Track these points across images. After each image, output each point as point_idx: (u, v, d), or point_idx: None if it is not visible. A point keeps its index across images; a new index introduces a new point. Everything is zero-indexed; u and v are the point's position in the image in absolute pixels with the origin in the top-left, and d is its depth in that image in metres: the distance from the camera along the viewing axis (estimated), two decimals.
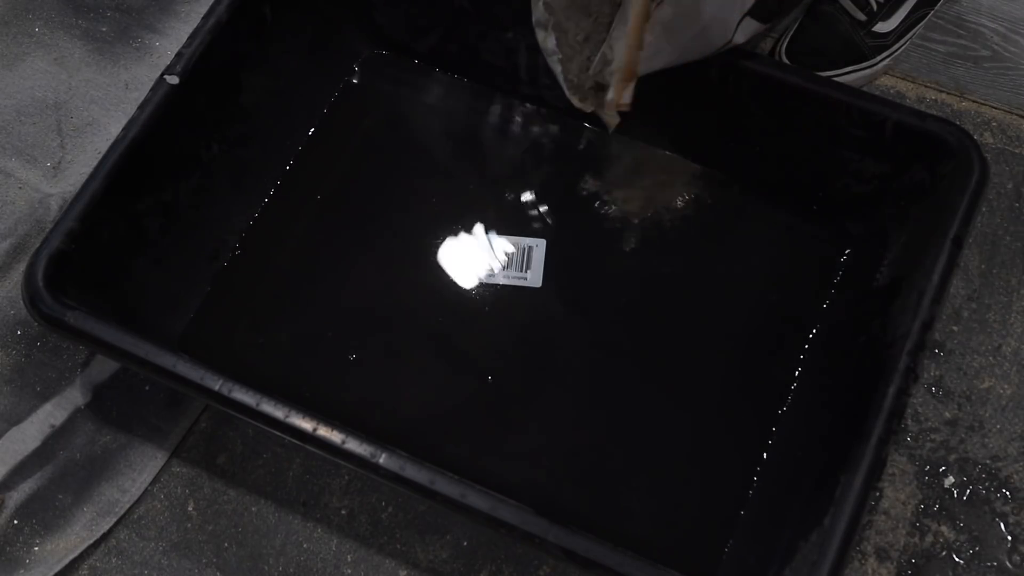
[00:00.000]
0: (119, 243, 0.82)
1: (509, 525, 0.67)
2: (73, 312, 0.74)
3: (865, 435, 0.68)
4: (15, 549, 0.82)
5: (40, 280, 0.75)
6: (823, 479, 0.70)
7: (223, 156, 0.89)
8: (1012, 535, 0.81)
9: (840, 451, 0.70)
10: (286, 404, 0.71)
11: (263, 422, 0.71)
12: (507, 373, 0.85)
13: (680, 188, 0.91)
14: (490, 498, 0.68)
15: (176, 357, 0.73)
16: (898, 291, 0.76)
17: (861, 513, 0.66)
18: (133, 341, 0.74)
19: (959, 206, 0.75)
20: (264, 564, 0.81)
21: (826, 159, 0.85)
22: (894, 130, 0.79)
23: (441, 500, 0.68)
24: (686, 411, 0.84)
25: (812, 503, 0.69)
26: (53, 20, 1.05)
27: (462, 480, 0.69)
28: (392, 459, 0.69)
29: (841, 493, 0.67)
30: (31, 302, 0.75)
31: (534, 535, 0.67)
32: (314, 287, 0.89)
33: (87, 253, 0.78)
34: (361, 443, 0.70)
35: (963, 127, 0.79)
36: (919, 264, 0.75)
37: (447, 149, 0.95)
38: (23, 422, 0.86)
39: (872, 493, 0.67)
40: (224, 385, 0.71)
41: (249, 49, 0.89)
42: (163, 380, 0.74)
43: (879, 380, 0.71)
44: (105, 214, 0.79)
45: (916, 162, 0.80)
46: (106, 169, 0.79)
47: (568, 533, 0.67)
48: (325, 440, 0.70)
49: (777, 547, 0.71)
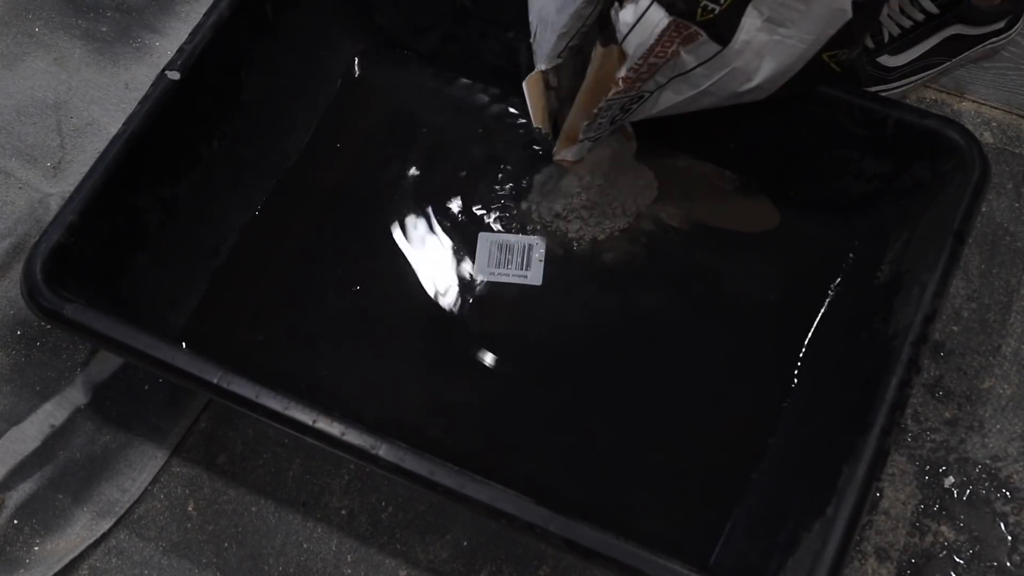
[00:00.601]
0: (118, 238, 0.82)
1: (510, 515, 0.67)
2: (71, 305, 0.74)
3: (868, 426, 0.68)
4: (15, 549, 0.81)
5: (39, 273, 0.75)
6: (826, 470, 0.70)
7: (223, 153, 0.89)
8: (1012, 535, 0.80)
9: (843, 443, 0.70)
10: (285, 396, 0.71)
11: (263, 414, 0.71)
12: (506, 371, 0.85)
13: (682, 185, 0.91)
14: (490, 488, 0.68)
15: (175, 349, 0.73)
16: (900, 286, 0.76)
17: (864, 502, 0.66)
18: (132, 334, 0.73)
19: (961, 201, 0.75)
20: (264, 564, 0.81)
21: (827, 157, 0.85)
22: (895, 128, 0.80)
23: (441, 491, 0.68)
24: (688, 405, 0.84)
25: (815, 494, 0.69)
26: (53, 20, 1.05)
27: (462, 471, 0.68)
28: (392, 450, 0.69)
29: (844, 482, 0.67)
30: (29, 295, 0.75)
31: (535, 525, 0.66)
32: (313, 284, 0.89)
33: (86, 247, 0.78)
34: (361, 434, 0.69)
35: (962, 125, 0.79)
36: (921, 259, 0.75)
37: (447, 147, 0.95)
38: (23, 422, 0.85)
39: (875, 484, 0.67)
40: (224, 377, 0.71)
41: (250, 46, 0.89)
42: (162, 373, 0.74)
43: (881, 372, 0.71)
44: (104, 208, 0.79)
45: (917, 160, 0.80)
46: (106, 163, 0.79)
47: (569, 523, 0.66)
48: (324, 432, 0.70)
49: (779, 538, 0.71)
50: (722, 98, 0.78)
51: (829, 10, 0.72)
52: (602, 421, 0.83)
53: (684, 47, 0.73)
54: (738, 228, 0.90)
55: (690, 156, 0.92)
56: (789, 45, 0.74)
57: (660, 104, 0.79)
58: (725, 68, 0.75)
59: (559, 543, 0.66)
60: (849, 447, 0.68)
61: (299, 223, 0.92)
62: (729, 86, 0.77)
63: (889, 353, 0.71)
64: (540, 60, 0.81)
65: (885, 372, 0.70)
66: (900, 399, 0.69)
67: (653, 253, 0.89)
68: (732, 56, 0.74)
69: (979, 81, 0.98)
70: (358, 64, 0.99)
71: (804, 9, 0.72)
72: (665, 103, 0.79)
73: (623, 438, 0.83)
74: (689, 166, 0.92)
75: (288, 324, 0.88)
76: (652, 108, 0.80)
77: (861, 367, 0.75)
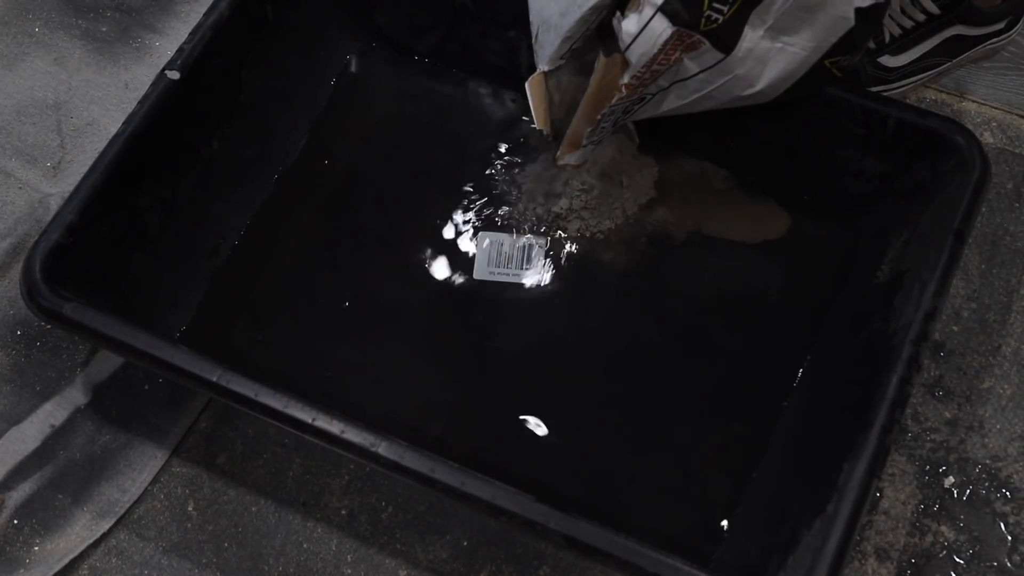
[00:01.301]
0: (118, 238, 0.82)
1: (510, 512, 0.67)
2: (71, 304, 0.74)
3: (868, 424, 0.68)
4: (15, 549, 0.81)
5: (38, 272, 0.75)
6: (826, 468, 0.70)
7: (223, 152, 0.89)
8: (1012, 535, 0.80)
9: (843, 441, 0.70)
10: (284, 394, 0.70)
11: (262, 412, 0.71)
12: (506, 370, 0.85)
13: (682, 184, 0.91)
14: (491, 486, 0.68)
15: (175, 348, 0.73)
16: (900, 285, 0.76)
17: (865, 500, 0.66)
18: (132, 332, 0.73)
19: (961, 200, 0.75)
20: (264, 564, 0.81)
21: (828, 157, 0.85)
22: (895, 128, 0.80)
23: (441, 489, 0.68)
24: (689, 403, 0.84)
25: (815, 492, 0.69)
26: (53, 20, 1.05)
27: (462, 468, 0.68)
28: (392, 448, 0.69)
29: (844, 480, 0.67)
30: (29, 294, 0.74)
31: (535, 522, 0.66)
32: (313, 284, 0.89)
33: (86, 247, 0.78)
34: (360, 432, 0.69)
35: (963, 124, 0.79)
36: (922, 258, 0.75)
37: (447, 147, 0.95)
38: (23, 422, 0.85)
39: (875, 482, 0.67)
40: (223, 376, 0.71)
41: (250, 46, 0.89)
42: (162, 372, 0.74)
43: (882, 370, 0.71)
44: (104, 208, 0.79)
45: (917, 160, 0.80)
46: (105, 163, 0.79)
47: (569, 519, 0.66)
48: (324, 430, 0.69)
49: (779, 536, 0.71)
50: (724, 101, 0.78)
51: (831, 18, 0.72)
52: (602, 420, 0.83)
53: (687, 54, 0.73)
54: (744, 239, 0.90)
55: (690, 156, 0.92)
56: (791, 52, 0.75)
57: (663, 106, 0.80)
58: (728, 75, 0.75)
59: (559, 540, 0.66)
60: (849, 445, 0.68)
61: (299, 222, 0.92)
62: (731, 91, 0.77)
63: (890, 351, 0.71)
64: (542, 62, 0.81)
65: (886, 370, 0.70)
66: (901, 397, 0.69)
67: (652, 254, 0.89)
68: (735, 64, 0.74)
69: (979, 81, 0.98)
70: (357, 64, 0.99)
71: (807, 17, 0.72)
72: (668, 105, 0.80)
73: (623, 437, 0.83)
74: (688, 166, 0.91)
75: (288, 324, 0.88)
76: (655, 110, 0.80)
77: (862, 366, 0.75)
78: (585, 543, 0.66)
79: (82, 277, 0.78)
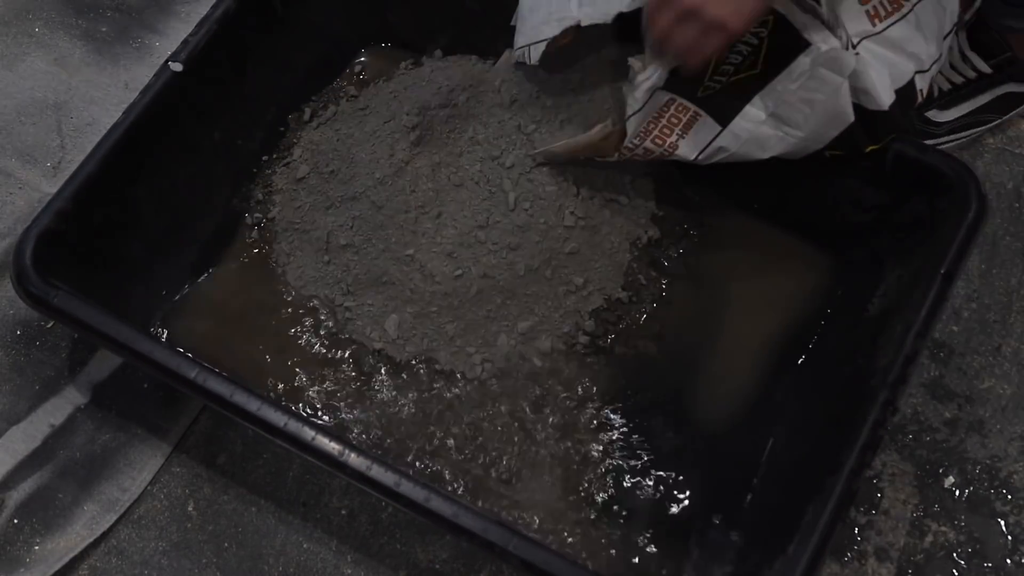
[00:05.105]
0: (112, 227, 0.81)
1: (470, 533, 0.67)
2: (59, 292, 0.73)
3: (839, 465, 0.68)
4: (15, 548, 0.81)
5: (28, 259, 0.74)
6: (793, 507, 0.69)
7: (224, 145, 0.89)
8: (1012, 535, 0.81)
9: (812, 481, 0.69)
10: (257, 397, 0.70)
11: (234, 413, 0.71)
12: None
13: (679, 212, 0.91)
14: (454, 504, 0.67)
15: (153, 343, 0.72)
16: (886, 323, 0.76)
17: (827, 544, 0.66)
18: (116, 326, 0.73)
19: (954, 240, 0.74)
20: (264, 564, 0.81)
21: (827, 185, 0.84)
22: (895, 161, 0.78)
23: (405, 503, 0.68)
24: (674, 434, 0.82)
25: (779, 531, 0.69)
26: (53, 20, 1.05)
27: (428, 484, 0.68)
28: (360, 459, 0.69)
29: (808, 521, 0.67)
30: (18, 280, 0.74)
31: (495, 544, 0.66)
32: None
33: (78, 235, 0.78)
34: (330, 440, 0.69)
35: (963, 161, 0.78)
36: (909, 296, 0.74)
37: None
38: (23, 421, 0.85)
39: (840, 523, 0.66)
40: (200, 374, 0.71)
41: (256, 40, 0.89)
42: (143, 367, 0.73)
43: (857, 411, 0.70)
44: (98, 196, 0.79)
45: (915, 194, 0.79)
46: (102, 152, 0.78)
47: (528, 544, 0.66)
48: (294, 436, 0.70)
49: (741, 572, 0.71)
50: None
51: (831, 114, 0.74)
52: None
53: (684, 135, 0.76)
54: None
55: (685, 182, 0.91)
56: (791, 143, 0.76)
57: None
58: (723, 154, 0.77)
59: (516, 563, 0.66)
60: (818, 487, 0.68)
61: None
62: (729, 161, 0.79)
63: (867, 392, 0.71)
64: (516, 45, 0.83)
65: (861, 412, 0.70)
66: (873, 440, 0.69)
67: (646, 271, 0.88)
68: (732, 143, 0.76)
69: None
70: (365, 61, 0.98)
71: (809, 112, 0.74)
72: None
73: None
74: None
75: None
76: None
77: (841, 401, 0.75)
78: (541, 568, 0.66)
79: (74, 265, 0.77)
